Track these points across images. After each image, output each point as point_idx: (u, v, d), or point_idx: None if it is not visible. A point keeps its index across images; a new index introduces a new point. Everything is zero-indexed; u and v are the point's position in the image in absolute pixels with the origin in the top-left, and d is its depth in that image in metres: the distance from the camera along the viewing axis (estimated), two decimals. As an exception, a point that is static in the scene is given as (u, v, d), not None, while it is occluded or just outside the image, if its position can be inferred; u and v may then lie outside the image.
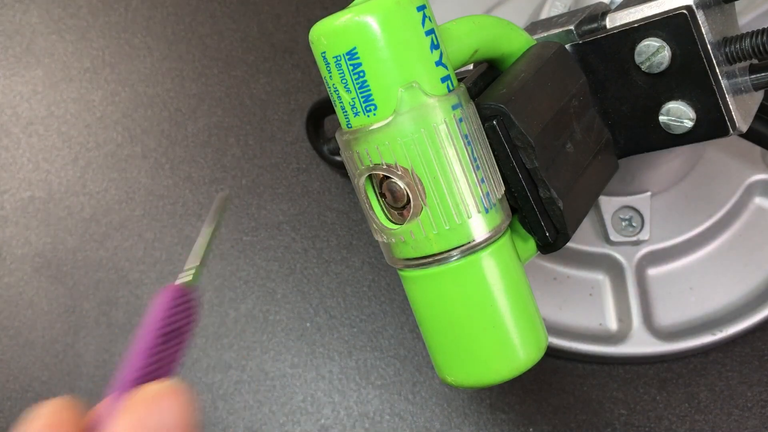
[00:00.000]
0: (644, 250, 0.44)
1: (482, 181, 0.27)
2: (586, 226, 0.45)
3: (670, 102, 0.32)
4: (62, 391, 0.46)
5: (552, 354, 0.44)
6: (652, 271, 0.45)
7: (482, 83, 0.31)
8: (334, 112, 0.28)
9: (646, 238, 0.44)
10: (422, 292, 0.29)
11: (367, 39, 0.26)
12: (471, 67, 0.33)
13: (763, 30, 0.31)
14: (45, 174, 0.52)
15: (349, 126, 0.27)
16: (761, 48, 0.31)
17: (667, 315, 0.44)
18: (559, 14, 0.35)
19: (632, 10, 0.32)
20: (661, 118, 0.32)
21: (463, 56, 0.29)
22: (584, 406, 0.44)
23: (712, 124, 0.32)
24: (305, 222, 0.50)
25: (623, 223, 0.45)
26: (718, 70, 0.31)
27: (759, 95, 0.35)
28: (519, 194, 0.29)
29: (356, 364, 0.46)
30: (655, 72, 0.32)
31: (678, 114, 0.32)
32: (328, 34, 0.26)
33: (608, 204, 0.45)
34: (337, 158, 0.49)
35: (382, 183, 0.27)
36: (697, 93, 0.31)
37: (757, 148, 0.46)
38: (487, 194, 0.27)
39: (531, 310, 0.29)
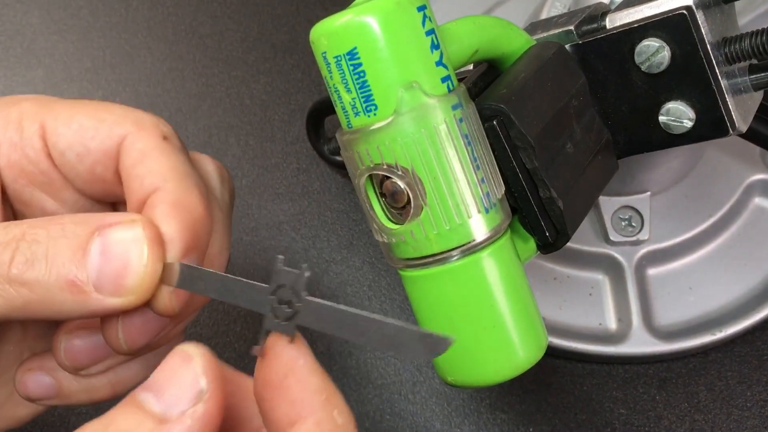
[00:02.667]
0: (644, 249, 0.44)
1: (482, 181, 0.27)
2: (586, 226, 0.45)
3: (670, 102, 0.32)
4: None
5: (552, 354, 0.44)
6: (652, 271, 0.45)
7: (482, 83, 0.31)
8: (334, 112, 0.28)
9: (646, 238, 0.44)
10: (422, 292, 0.29)
11: (368, 39, 0.26)
12: (471, 67, 0.33)
13: (763, 30, 0.31)
14: (45, 174, 0.52)
15: (350, 126, 0.27)
16: (761, 48, 0.31)
17: (667, 315, 0.44)
18: (559, 14, 0.36)
19: (632, 10, 0.32)
20: (661, 118, 0.32)
21: (463, 56, 0.29)
22: (584, 405, 0.44)
23: (711, 124, 0.32)
24: (305, 222, 0.50)
25: (623, 223, 0.45)
26: (717, 71, 0.31)
27: (758, 95, 0.35)
28: (519, 194, 0.30)
29: (356, 364, 0.46)
30: (655, 72, 0.32)
31: (678, 114, 0.32)
32: (328, 35, 0.26)
33: (608, 204, 0.45)
34: (337, 158, 0.49)
35: (382, 183, 0.27)
36: (696, 93, 0.32)
37: (757, 148, 0.46)
38: (487, 194, 0.27)
39: (531, 309, 0.29)
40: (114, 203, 0.32)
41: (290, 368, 0.23)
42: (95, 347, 0.29)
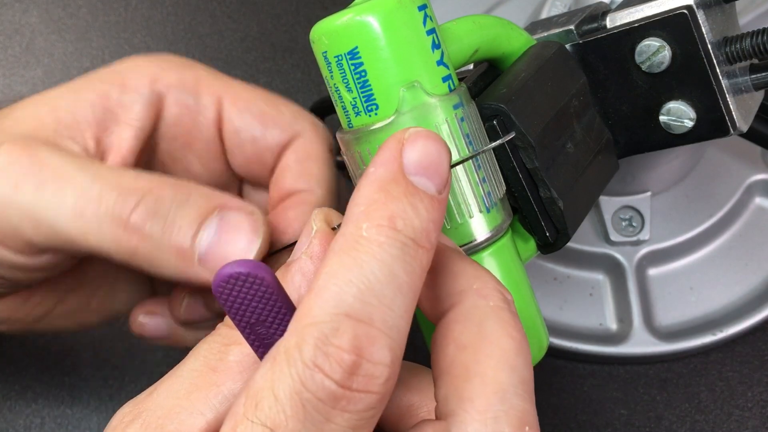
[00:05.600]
0: (644, 250, 0.44)
1: (483, 180, 0.27)
2: (586, 226, 0.45)
3: (671, 102, 0.32)
4: (61, 393, 0.46)
5: (552, 354, 0.44)
6: (653, 271, 0.45)
7: (483, 83, 0.31)
8: (334, 111, 0.28)
9: (647, 238, 0.44)
10: (423, 291, 0.29)
11: (369, 39, 0.26)
12: (471, 66, 0.33)
13: (764, 30, 0.31)
14: (45, 174, 0.52)
15: (351, 126, 0.27)
16: (762, 48, 0.31)
17: (668, 315, 0.44)
18: (559, 14, 0.36)
19: (632, 9, 0.32)
20: (662, 118, 0.32)
21: (463, 56, 0.29)
22: (584, 406, 0.43)
23: (712, 124, 0.32)
24: (305, 222, 0.50)
25: (623, 223, 0.45)
26: (718, 70, 0.31)
27: (759, 95, 0.35)
28: (519, 194, 0.29)
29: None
30: (656, 72, 0.32)
31: (678, 114, 0.32)
32: (329, 34, 0.26)
33: (608, 204, 0.45)
34: (338, 158, 0.49)
35: (382, 183, 0.27)
36: (697, 93, 0.31)
37: (758, 148, 0.46)
38: (489, 194, 0.27)
39: (532, 309, 0.29)
40: (242, 180, 0.34)
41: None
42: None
